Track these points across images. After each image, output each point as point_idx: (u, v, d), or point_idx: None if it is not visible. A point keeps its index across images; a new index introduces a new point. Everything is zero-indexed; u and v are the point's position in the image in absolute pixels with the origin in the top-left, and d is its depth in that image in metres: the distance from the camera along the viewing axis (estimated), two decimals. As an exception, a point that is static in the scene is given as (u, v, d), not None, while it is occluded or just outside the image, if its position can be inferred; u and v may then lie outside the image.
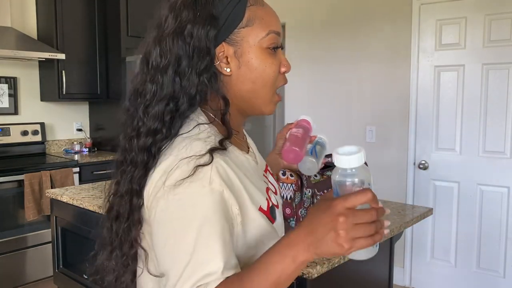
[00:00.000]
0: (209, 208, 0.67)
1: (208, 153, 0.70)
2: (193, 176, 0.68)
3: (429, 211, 2.10)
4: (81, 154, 3.95)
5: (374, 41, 3.51)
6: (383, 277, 1.98)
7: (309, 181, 1.54)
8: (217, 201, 0.69)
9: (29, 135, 3.83)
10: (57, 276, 2.56)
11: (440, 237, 3.31)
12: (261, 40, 0.79)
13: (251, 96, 0.81)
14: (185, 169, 0.69)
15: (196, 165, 0.69)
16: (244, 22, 0.78)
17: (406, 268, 3.46)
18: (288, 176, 1.51)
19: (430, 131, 3.30)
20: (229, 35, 0.78)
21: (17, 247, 3.29)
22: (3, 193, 3.21)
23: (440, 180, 3.29)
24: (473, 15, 3.06)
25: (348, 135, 3.69)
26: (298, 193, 1.50)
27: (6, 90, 3.76)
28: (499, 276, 3.09)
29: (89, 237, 2.23)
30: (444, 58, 3.21)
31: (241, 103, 0.82)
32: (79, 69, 3.92)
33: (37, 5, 3.92)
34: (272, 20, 0.82)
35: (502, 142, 3.03)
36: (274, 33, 0.81)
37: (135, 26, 3.94)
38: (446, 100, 3.23)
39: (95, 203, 2.13)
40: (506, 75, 2.98)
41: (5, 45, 3.35)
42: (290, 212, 1.49)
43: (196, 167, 0.68)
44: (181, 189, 0.68)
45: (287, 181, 1.51)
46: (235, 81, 0.80)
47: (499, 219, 3.07)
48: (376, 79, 3.52)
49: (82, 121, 4.33)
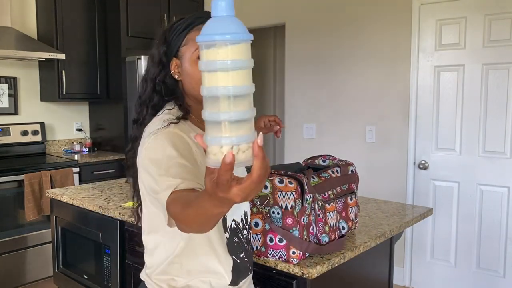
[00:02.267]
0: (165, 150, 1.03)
1: (167, 125, 1.08)
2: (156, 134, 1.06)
3: (429, 211, 2.10)
4: (81, 154, 3.95)
5: (374, 41, 3.51)
6: (383, 277, 1.98)
7: (309, 185, 1.45)
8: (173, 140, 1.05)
9: (29, 135, 3.83)
10: (57, 276, 2.56)
11: (440, 237, 3.31)
12: (192, 53, 1.12)
13: (193, 91, 1.14)
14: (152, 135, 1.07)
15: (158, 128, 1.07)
16: (183, 43, 1.14)
17: (406, 268, 3.46)
18: (286, 184, 1.38)
19: (430, 131, 3.30)
20: (176, 53, 1.15)
21: (17, 247, 3.29)
22: (3, 193, 3.21)
23: (440, 180, 3.29)
24: (473, 15, 3.06)
25: (348, 135, 3.69)
26: (298, 200, 1.38)
27: (6, 90, 3.76)
28: (499, 276, 3.09)
29: (89, 237, 2.24)
30: (444, 58, 3.21)
31: (194, 96, 1.16)
32: (79, 69, 3.92)
33: (37, 5, 3.92)
34: None
35: (502, 142, 3.03)
36: None
37: (135, 26, 3.94)
38: (446, 100, 3.23)
39: (95, 203, 2.13)
40: (506, 75, 2.99)
41: (5, 45, 3.35)
42: (292, 222, 1.38)
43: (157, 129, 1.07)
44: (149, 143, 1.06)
45: (286, 189, 1.38)
46: (184, 83, 1.17)
47: (499, 219, 3.07)
48: (376, 79, 3.52)
49: (82, 121, 4.33)
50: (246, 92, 0.63)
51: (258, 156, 0.62)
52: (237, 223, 1.22)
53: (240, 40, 0.62)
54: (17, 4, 3.79)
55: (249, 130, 0.64)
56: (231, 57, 0.62)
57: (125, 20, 3.89)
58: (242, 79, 0.63)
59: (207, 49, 0.63)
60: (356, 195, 1.72)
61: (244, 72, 0.63)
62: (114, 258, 2.10)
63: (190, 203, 0.82)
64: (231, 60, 0.62)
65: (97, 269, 2.23)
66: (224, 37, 0.61)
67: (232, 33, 0.62)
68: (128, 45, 3.92)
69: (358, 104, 3.63)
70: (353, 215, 1.67)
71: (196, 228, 0.85)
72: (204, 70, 0.64)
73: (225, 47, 0.62)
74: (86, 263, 2.31)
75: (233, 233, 1.20)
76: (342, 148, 3.70)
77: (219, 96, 0.62)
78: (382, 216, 1.96)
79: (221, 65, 0.62)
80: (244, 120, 0.63)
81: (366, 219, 1.90)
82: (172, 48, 1.15)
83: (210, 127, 0.64)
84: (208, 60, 0.63)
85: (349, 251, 1.53)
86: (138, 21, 3.96)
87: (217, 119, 0.62)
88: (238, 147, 0.62)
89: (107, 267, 2.15)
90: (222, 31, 0.62)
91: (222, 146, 0.62)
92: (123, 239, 2.05)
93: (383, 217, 1.95)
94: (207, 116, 0.64)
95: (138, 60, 3.76)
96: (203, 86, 0.64)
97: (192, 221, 0.82)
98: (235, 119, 0.62)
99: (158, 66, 1.17)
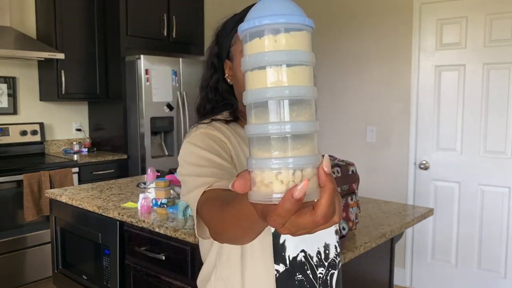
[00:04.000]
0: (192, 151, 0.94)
1: (196, 126, 1.00)
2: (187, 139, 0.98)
3: (429, 212, 2.09)
4: (80, 154, 3.94)
5: (374, 41, 3.50)
6: (384, 278, 1.97)
7: None
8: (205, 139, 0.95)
9: (28, 135, 3.82)
10: (56, 277, 2.55)
11: (441, 238, 3.30)
12: (240, 53, 0.95)
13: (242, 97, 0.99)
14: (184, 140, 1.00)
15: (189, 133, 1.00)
16: (233, 42, 0.99)
17: (406, 269, 3.45)
18: None
19: (431, 131, 3.29)
20: (228, 54, 1.01)
21: (16, 248, 3.28)
22: (2, 194, 3.20)
23: (441, 180, 3.28)
24: (473, 15, 3.05)
25: (348, 135, 3.68)
26: None
27: (5, 90, 3.75)
28: (500, 276, 3.08)
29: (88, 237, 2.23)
30: (445, 58, 3.20)
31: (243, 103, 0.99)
32: (78, 69, 3.91)
33: (36, 5, 3.91)
34: None
35: (503, 142, 3.02)
36: None
37: (134, 25, 3.93)
38: (447, 100, 3.22)
39: (94, 203, 2.12)
40: (507, 74, 2.98)
41: (4, 45, 3.34)
42: None
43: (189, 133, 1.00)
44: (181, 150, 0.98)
45: None
46: (235, 87, 1.02)
47: (500, 219, 3.06)
48: (376, 79, 3.51)
49: (81, 121, 4.31)
50: (305, 95, 0.46)
51: (326, 188, 0.45)
52: (309, 257, 0.95)
53: (297, 25, 0.45)
54: (16, 4, 3.78)
55: (312, 149, 0.46)
56: (285, 47, 0.45)
57: (125, 19, 3.88)
58: (300, 78, 0.46)
59: (251, 40, 0.46)
60: (356, 195, 1.71)
61: (303, 69, 0.46)
62: (114, 259, 2.09)
63: (229, 203, 0.65)
64: (285, 51, 0.44)
65: (97, 269, 2.22)
66: (276, 20, 0.44)
67: (286, 14, 0.45)
68: (127, 44, 3.91)
69: (358, 104, 3.62)
70: (353, 216, 1.66)
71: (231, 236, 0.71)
72: (248, 68, 0.47)
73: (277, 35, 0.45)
74: (85, 263, 2.30)
75: (295, 267, 0.94)
76: (342, 148, 3.69)
77: (269, 102, 0.45)
78: (383, 217, 1.95)
79: (272, 58, 0.45)
80: (304, 136, 0.46)
81: (367, 220, 1.89)
82: (224, 49, 1.02)
83: (257, 146, 0.46)
84: (252, 54, 0.46)
85: (350, 251, 1.52)
86: (138, 21, 3.95)
87: (266, 132, 0.45)
88: (302, 172, 0.45)
89: (107, 267, 2.14)
90: (273, 13, 0.45)
91: (281, 171, 0.45)
92: (123, 239, 2.04)
93: (383, 217, 1.94)
94: (252, 130, 0.46)
95: (137, 59, 3.75)
96: (246, 91, 0.48)
97: (229, 226, 0.66)
98: (293, 132, 0.45)
99: (210, 70, 1.05)
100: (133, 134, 3.89)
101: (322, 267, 0.97)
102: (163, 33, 4.12)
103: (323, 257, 0.98)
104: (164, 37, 4.14)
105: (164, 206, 1.95)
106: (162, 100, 3.86)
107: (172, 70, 3.91)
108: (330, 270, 0.99)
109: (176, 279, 1.81)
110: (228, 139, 0.96)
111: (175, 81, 3.93)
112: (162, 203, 1.95)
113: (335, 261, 1.00)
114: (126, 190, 2.40)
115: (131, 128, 3.91)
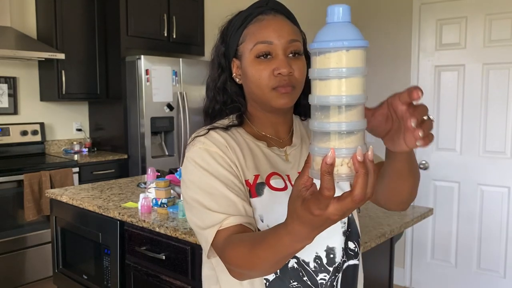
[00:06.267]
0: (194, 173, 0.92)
1: (192, 140, 0.97)
2: (186, 155, 0.96)
3: (429, 211, 2.10)
4: (80, 154, 3.94)
5: (374, 41, 3.50)
6: (383, 277, 1.98)
7: None
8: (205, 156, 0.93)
9: (28, 135, 3.83)
10: (56, 276, 2.56)
11: (441, 237, 3.30)
12: (250, 51, 0.94)
13: (254, 96, 0.97)
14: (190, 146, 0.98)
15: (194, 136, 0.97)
16: (241, 40, 0.96)
17: (406, 268, 3.45)
18: None
19: (430, 131, 3.30)
20: (236, 53, 0.97)
21: (17, 247, 3.28)
22: (2, 193, 3.21)
23: (441, 180, 3.28)
24: (473, 15, 3.05)
25: (348, 135, 3.68)
26: None
27: (6, 90, 3.76)
28: (499, 276, 3.09)
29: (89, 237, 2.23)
30: (445, 58, 3.20)
31: (256, 101, 0.99)
32: (78, 69, 3.92)
33: (37, 5, 3.91)
34: (262, 32, 0.93)
35: (502, 142, 3.02)
36: (260, 43, 0.93)
37: (134, 25, 3.93)
38: (447, 100, 3.22)
39: (95, 203, 2.12)
40: (507, 75, 2.98)
41: (5, 45, 3.34)
42: None
43: (188, 148, 0.96)
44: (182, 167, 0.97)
45: None
46: (244, 87, 0.99)
47: (499, 219, 3.06)
48: (376, 79, 3.51)
49: (82, 121, 4.32)
50: (358, 101, 0.61)
51: (359, 173, 0.57)
52: (303, 263, 0.94)
53: (355, 47, 0.60)
54: (16, 4, 3.78)
55: (358, 142, 0.61)
56: (345, 64, 0.60)
57: (125, 19, 3.88)
58: (355, 88, 0.60)
59: (320, 55, 0.61)
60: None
61: (358, 80, 0.61)
62: (114, 259, 2.09)
63: (260, 242, 0.72)
64: (346, 68, 0.60)
65: (97, 269, 2.22)
66: (340, 43, 0.59)
67: (348, 39, 0.60)
68: (127, 44, 3.91)
69: (358, 104, 3.62)
70: (353, 215, 1.67)
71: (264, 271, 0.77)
72: (316, 77, 0.62)
73: (340, 54, 0.60)
74: (85, 263, 2.31)
75: (287, 275, 0.93)
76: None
77: (330, 106, 0.60)
78: (383, 216, 1.95)
79: (335, 73, 0.60)
80: (353, 132, 0.61)
81: (366, 219, 1.89)
82: (231, 48, 0.98)
83: (318, 138, 0.62)
84: (320, 68, 0.61)
85: (350, 251, 1.52)
86: (138, 21, 3.95)
87: (326, 129, 0.60)
88: (342, 160, 0.59)
89: (107, 267, 2.14)
90: (338, 37, 0.60)
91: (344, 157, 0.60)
92: (123, 239, 2.05)
93: (383, 217, 1.94)
94: (316, 126, 0.62)
95: (137, 59, 3.75)
96: (313, 95, 0.63)
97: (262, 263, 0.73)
98: (346, 130, 0.60)
99: (217, 70, 1.02)
100: (134, 134, 3.90)
101: (324, 272, 0.94)
102: (163, 33, 4.13)
103: (326, 262, 0.94)
104: (164, 37, 4.14)
105: (164, 206, 1.96)
106: (162, 100, 3.87)
107: (172, 70, 3.92)
108: (337, 275, 0.96)
109: (176, 278, 1.81)
110: (226, 148, 0.94)
111: (175, 81, 3.94)
112: (163, 203, 1.96)
113: (340, 264, 0.97)
114: (127, 190, 2.41)
115: (132, 128, 3.91)
